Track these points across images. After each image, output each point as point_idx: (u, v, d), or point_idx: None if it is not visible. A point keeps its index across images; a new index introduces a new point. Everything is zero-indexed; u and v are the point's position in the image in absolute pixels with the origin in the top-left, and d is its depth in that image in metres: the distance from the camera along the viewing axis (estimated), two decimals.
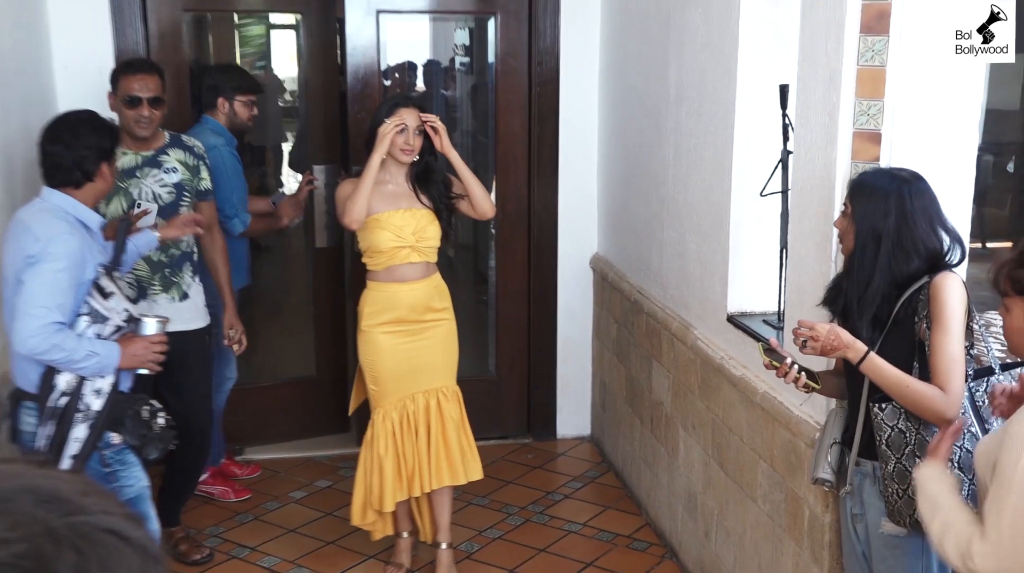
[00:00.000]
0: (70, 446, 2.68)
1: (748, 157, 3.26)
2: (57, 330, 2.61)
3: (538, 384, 5.00)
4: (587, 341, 4.98)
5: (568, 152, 4.81)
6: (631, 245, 4.38)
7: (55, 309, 2.61)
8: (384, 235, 3.48)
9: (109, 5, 4.25)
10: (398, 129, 3.45)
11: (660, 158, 3.93)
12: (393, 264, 3.51)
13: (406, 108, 3.49)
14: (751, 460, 3.17)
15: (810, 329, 2.25)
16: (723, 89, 3.31)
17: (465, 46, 7.39)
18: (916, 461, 2.21)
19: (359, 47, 4.64)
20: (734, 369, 3.26)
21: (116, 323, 2.75)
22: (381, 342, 3.54)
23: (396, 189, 3.55)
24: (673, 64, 3.75)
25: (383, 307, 3.54)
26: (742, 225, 3.32)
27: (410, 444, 3.56)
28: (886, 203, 2.24)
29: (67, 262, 2.62)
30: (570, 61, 4.73)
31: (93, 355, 2.67)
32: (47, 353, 2.61)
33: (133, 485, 2.85)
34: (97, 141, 2.80)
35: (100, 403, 2.72)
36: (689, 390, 3.67)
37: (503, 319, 4.99)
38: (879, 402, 2.27)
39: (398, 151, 3.47)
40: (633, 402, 4.35)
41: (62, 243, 2.63)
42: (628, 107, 4.38)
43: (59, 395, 2.69)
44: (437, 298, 3.61)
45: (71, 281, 2.64)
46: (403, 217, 3.50)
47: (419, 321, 3.56)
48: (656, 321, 3.98)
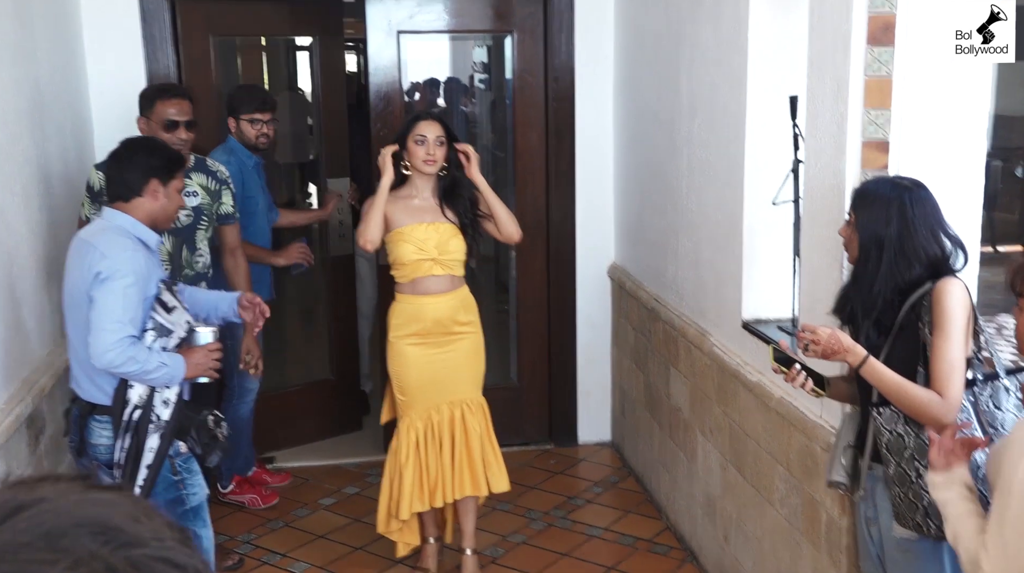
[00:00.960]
0: (145, 456, 2.73)
1: (760, 167, 3.25)
2: (131, 343, 2.65)
3: (559, 391, 4.99)
4: (606, 348, 4.96)
5: (584, 165, 4.81)
6: (647, 254, 4.37)
7: (128, 323, 2.65)
8: (407, 248, 3.49)
9: (141, 32, 4.31)
10: (415, 140, 3.46)
11: (674, 169, 3.92)
12: (417, 276, 3.52)
13: (425, 121, 3.50)
14: (768, 464, 3.15)
15: (812, 333, 2.24)
16: (734, 102, 3.30)
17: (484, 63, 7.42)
18: (916, 465, 2.19)
19: (381, 67, 4.67)
20: (750, 375, 3.24)
21: (179, 335, 2.79)
22: (408, 353, 3.54)
23: (422, 203, 3.55)
24: (685, 78, 3.74)
25: (409, 319, 3.54)
26: (755, 233, 3.30)
27: (433, 455, 3.55)
28: (888, 211, 2.23)
29: (135, 277, 2.66)
30: (585, 77, 4.73)
31: (163, 366, 2.70)
32: (123, 366, 2.64)
33: (197, 493, 2.89)
34: (145, 159, 2.84)
35: (168, 413, 2.76)
36: (706, 396, 3.65)
37: (524, 328, 4.99)
38: (878, 406, 2.26)
39: (420, 163, 3.48)
40: (652, 408, 4.33)
41: (129, 259, 2.67)
42: (642, 120, 4.37)
43: (133, 408, 2.73)
44: (463, 311, 3.60)
45: (139, 296, 2.68)
46: (426, 231, 3.50)
47: (445, 333, 3.56)
48: (673, 328, 3.97)
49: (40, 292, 3.28)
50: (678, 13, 3.79)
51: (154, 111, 3.58)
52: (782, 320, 3.29)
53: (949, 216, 2.32)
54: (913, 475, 2.20)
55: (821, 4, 2.67)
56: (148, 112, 3.60)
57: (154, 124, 3.56)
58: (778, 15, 3.17)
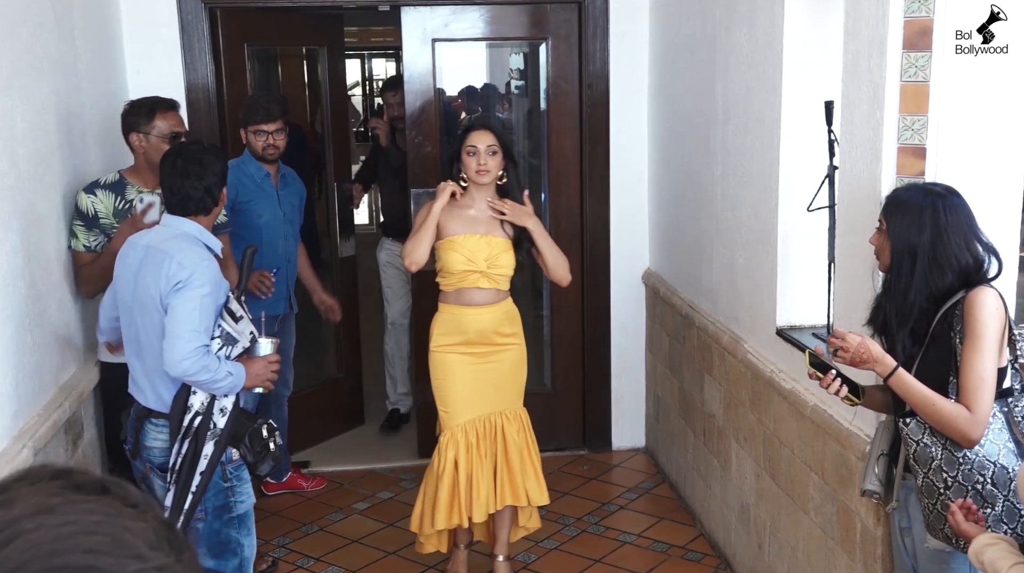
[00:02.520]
0: (200, 463, 2.74)
1: (795, 173, 3.22)
2: (206, 352, 2.66)
3: (593, 397, 4.98)
4: (640, 355, 4.94)
5: (619, 171, 4.79)
6: (682, 260, 4.34)
7: (203, 332, 2.66)
8: (456, 258, 3.46)
9: (180, 41, 4.36)
10: (466, 151, 3.47)
11: (709, 175, 3.89)
12: (463, 287, 3.49)
13: (476, 131, 3.49)
14: (802, 472, 3.10)
15: (841, 338, 2.21)
16: (769, 107, 3.27)
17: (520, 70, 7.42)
18: (944, 476, 2.15)
19: (416, 74, 4.69)
20: (784, 382, 3.20)
21: (244, 345, 2.80)
22: (451, 363, 3.51)
23: (477, 214, 3.53)
24: (720, 84, 3.71)
25: (452, 329, 3.52)
26: (790, 240, 3.27)
27: (475, 468, 3.49)
28: (920, 218, 2.19)
29: (211, 286, 2.68)
30: (620, 83, 4.71)
31: (229, 375, 2.71)
32: (196, 374, 2.65)
33: (245, 501, 2.89)
34: (221, 167, 2.88)
35: (224, 421, 2.77)
36: (740, 403, 3.61)
37: (558, 333, 4.98)
38: (905, 416, 2.21)
39: (472, 174, 3.48)
40: (686, 414, 4.30)
41: (206, 269, 2.69)
42: (677, 126, 4.34)
43: (194, 414, 2.74)
44: (507, 323, 3.57)
45: (214, 305, 2.70)
46: (478, 242, 3.48)
47: (488, 344, 3.53)
48: (707, 335, 3.93)
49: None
50: (713, 18, 3.76)
51: (154, 126, 3.40)
52: (817, 327, 3.24)
53: (987, 223, 2.27)
54: (941, 487, 2.16)
55: (857, 8, 2.63)
56: (146, 127, 3.39)
57: (154, 139, 3.38)
58: (813, 20, 3.14)
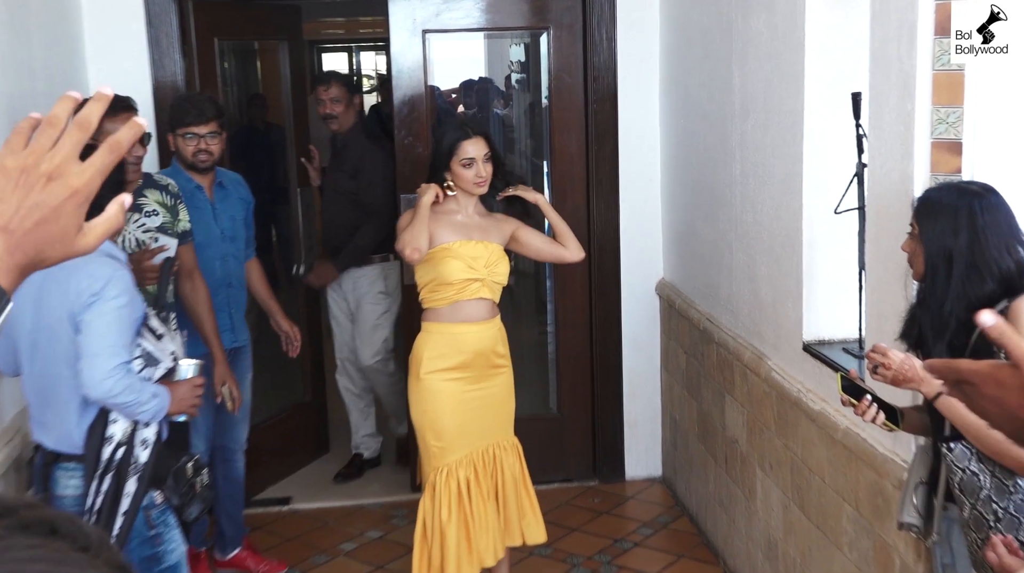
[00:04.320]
0: (122, 502, 2.68)
1: (820, 172, 3.21)
2: (128, 371, 2.62)
3: (603, 421, 4.96)
4: (655, 374, 4.93)
5: (629, 171, 4.79)
6: (699, 269, 4.34)
7: (123, 349, 2.62)
8: (455, 265, 3.44)
9: (147, 35, 4.38)
10: (462, 164, 3.47)
11: (726, 175, 3.89)
12: (461, 299, 3.47)
13: (469, 140, 3.47)
14: (835, 503, 3.09)
15: (883, 354, 2.19)
16: (791, 99, 3.27)
17: (520, 62, 7.45)
18: (994, 507, 2.13)
19: (405, 69, 4.70)
20: (812, 403, 3.19)
21: (166, 366, 2.76)
22: (444, 391, 3.48)
23: (466, 220, 3.54)
24: (737, 75, 3.72)
25: (447, 350, 3.47)
26: (816, 246, 3.26)
27: (479, 507, 3.46)
28: (956, 220, 2.18)
29: (127, 298, 2.65)
30: (628, 75, 4.72)
31: (155, 397, 2.67)
32: (120, 395, 2.61)
33: (175, 549, 2.81)
34: (116, 175, 2.83)
35: (147, 455, 2.72)
36: (765, 426, 3.60)
37: (564, 351, 4.97)
38: (948, 440, 2.20)
39: (471, 186, 3.49)
40: (706, 440, 4.28)
41: (120, 279, 2.65)
42: (691, 122, 4.35)
43: (115, 446, 2.69)
44: (501, 342, 3.57)
45: (131, 318, 2.66)
46: (475, 248, 3.48)
47: (487, 366, 3.52)
48: (728, 351, 3.92)
49: None
50: (728, 4, 3.77)
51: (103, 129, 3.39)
52: (847, 341, 3.23)
53: None
54: (990, 519, 2.14)
55: None
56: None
57: None
58: (837, 4, 3.14)
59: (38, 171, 0.92)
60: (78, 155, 0.94)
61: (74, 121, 0.95)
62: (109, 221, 0.97)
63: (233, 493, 4.13)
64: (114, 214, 0.97)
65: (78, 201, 0.94)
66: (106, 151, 0.95)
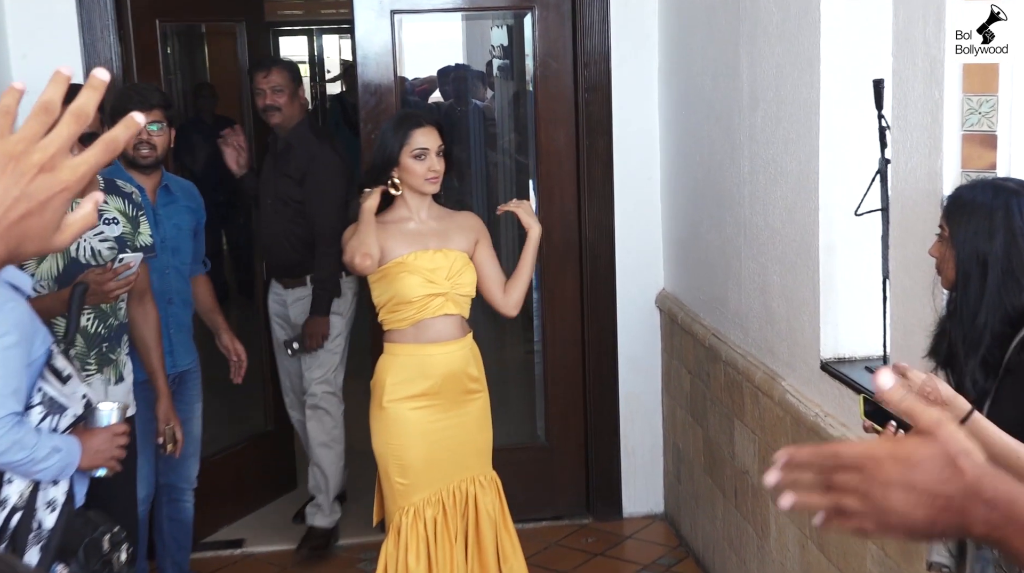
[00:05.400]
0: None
1: (838, 168, 3.24)
2: (16, 423, 2.46)
3: (598, 451, 4.98)
4: (655, 397, 4.95)
5: (625, 170, 4.81)
6: (704, 279, 4.36)
7: (10, 396, 2.46)
8: (412, 281, 3.44)
9: (77, 19, 4.38)
10: (413, 155, 3.46)
11: (734, 173, 3.92)
12: (424, 318, 3.47)
13: (421, 129, 3.48)
14: (858, 542, 3.10)
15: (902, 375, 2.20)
16: (805, 87, 3.29)
17: (503, 47, 7.46)
18: None
19: (371, 54, 4.71)
20: (832, 428, 3.20)
21: (75, 413, 2.63)
22: (410, 420, 3.48)
23: (420, 227, 3.53)
24: (745, 60, 3.75)
25: (413, 376, 3.48)
26: (834, 251, 3.29)
27: (444, 551, 3.47)
28: (991, 221, 2.20)
29: (18, 335, 2.47)
30: (624, 61, 4.75)
31: (55, 452, 2.53)
32: (5, 453, 2.45)
33: None
34: None
35: (53, 519, 2.55)
36: None
37: (553, 372, 4.99)
38: None
39: (422, 183, 3.48)
40: (713, 471, 4.30)
41: (9, 312, 2.47)
42: (694, 114, 4.38)
43: (11, 510, 2.51)
44: (474, 364, 3.58)
45: (23, 360, 2.49)
46: (434, 258, 3.48)
47: (459, 392, 3.52)
48: (737, 371, 3.94)
49: None
50: None
51: None
52: (871, 359, 3.26)
53: None
54: None
55: None
56: None
57: None
58: None
59: (29, 161, 0.95)
60: (71, 148, 0.98)
61: (70, 111, 0.97)
62: (85, 218, 1.01)
63: (179, 536, 4.11)
64: (89, 212, 1.01)
65: (67, 197, 0.97)
66: (101, 149, 0.98)
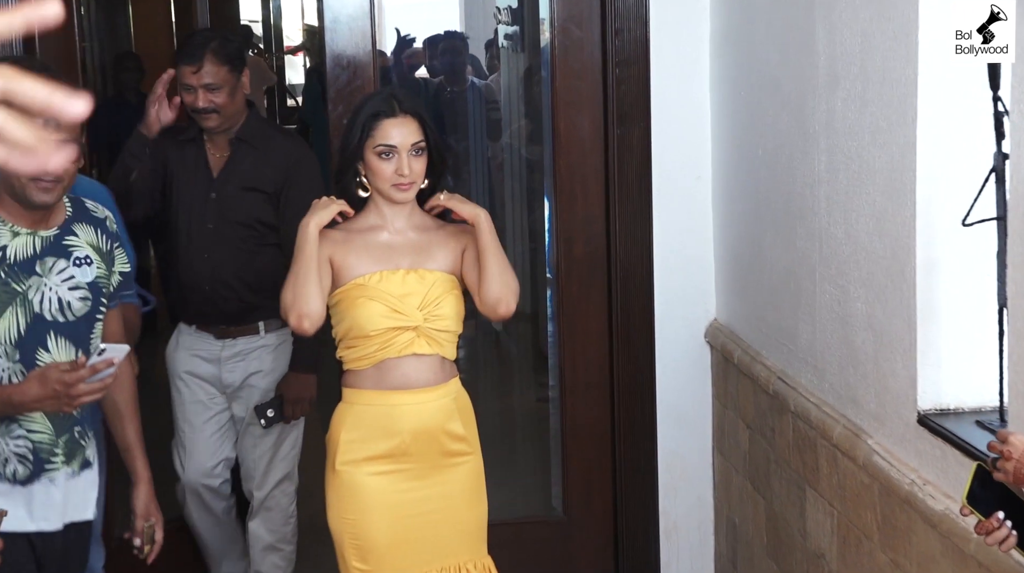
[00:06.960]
0: None
1: (941, 165, 3.24)
2: None
3: (630, 527, 4.99)
4: (705, 458, 4.96)
5: (666, 167, 4.82)
6: (767, 307, 4.36)
7: None
8: (373, 310, 3.40)
9: None
10: (377, 152, 3.42)
11: (806, 171, 3.92)
12: (388, 358, 3.45)
13: (391, 119, 3.44)
14: None
15: (1003, 441, 2.20)
16: (900, 64, 3.29)
17: (511, 9, 7.51)
18: None
19: (342, 18, 4.73)
20: (933, 500, 3.19)
21: None
22: (370, 489, 3.48)
23: (393, 239, 3.51)
24: (822, 29, 3.75)
25: (372, 431, 3.48)
26: (936, 271, 3.28)
27: None
28: None
29: None
30: (665, 27, 4.75)
31: None
32: None
33: None
34: None
35: None
36: (864, 534, 3.61)
37: (573, 425, 5.00)
38: None
39: (388, 188, 3.44)
40: (778, 553, 4.30)
41: None
42: (756, 96, 4.39)
43: None
44: (457, 418, 3.55)
45: None
46: (403, 282, 3.45)
47: (435, 453, 3.52)
48: (809, 425, 3.93)
49: None
50: None
51: None
52: (983, 412, 3.24)
53: None
54: None
55: None
56: None
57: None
58: None
59: None
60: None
61: None
62: None
63: None
64: None
65: None
66: None
